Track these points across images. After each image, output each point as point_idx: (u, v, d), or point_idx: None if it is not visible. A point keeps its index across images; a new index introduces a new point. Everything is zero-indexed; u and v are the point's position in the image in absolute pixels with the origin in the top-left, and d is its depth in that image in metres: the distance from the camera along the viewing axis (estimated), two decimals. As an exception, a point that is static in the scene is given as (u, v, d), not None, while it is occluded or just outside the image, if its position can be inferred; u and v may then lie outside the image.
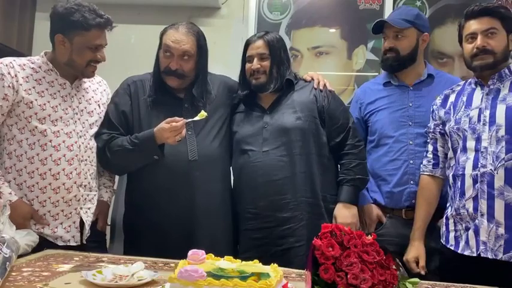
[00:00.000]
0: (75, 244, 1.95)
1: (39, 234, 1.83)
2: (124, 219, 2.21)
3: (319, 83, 2.20)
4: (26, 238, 1.69)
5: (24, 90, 1.87)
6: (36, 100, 1.89)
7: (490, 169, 1.81)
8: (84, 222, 1.98)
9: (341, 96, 2.38)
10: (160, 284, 1.39)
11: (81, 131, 1.99)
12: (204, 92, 2.13)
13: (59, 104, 1.95)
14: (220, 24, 3.47)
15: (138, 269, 1.47)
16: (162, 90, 2.12)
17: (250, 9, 3.42)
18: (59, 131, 1.92)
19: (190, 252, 1.31)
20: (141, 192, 2.11)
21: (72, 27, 1.89)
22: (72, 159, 1.93)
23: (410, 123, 2.19)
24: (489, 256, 1.79)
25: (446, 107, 2.01)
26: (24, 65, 1.92)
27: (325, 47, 3.38)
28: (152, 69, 2.15)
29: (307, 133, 2.09)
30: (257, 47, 2.13)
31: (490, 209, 1.80)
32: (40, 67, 1.95)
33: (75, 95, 2.01)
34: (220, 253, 1.40)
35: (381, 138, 2.23)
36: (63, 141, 1.92)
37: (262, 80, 2.12)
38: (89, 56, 1.94)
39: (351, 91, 3.26)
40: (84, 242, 2.00)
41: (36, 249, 1.74)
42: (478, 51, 1.88)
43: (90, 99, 2.07)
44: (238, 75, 2.23)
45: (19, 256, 1.58)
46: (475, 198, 1.83)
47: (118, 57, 2.96)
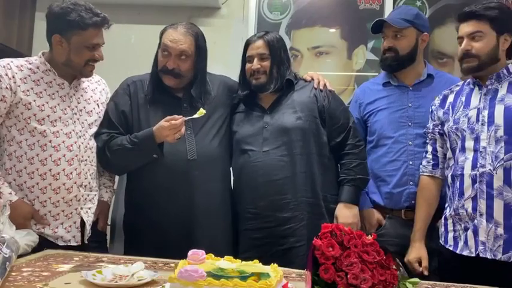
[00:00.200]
0: (76, 244, 1.95)
1: (39, 234, 1.83)
2: (124, 219, 2.22)
3: (319, 82, 2.20)
4: (26, 238, 1.69)
5: (22, 92, 1.87)
6: (34, 101, 1.89)
7: (489, 169, 1.81)
8: (85, 222, 1.99)
9: (341, 96, 2.37)
10: (160, 284, 1.39)
11: (80, 131, 1.98)
12: (202, 92, 2.13)
13: (58, 104, 1.94)
14: (220, 24, 3.47)
15: (138, 269, 1.47)
16: (160, 89, 2.12)
17: (250, 9, 3.42)
18: (58, 132, 1.92)
19: (190, 252, 1.31)
20: (140, 191, 2.11)
21: (69, 27, 1.88)
22: (72, 159, 1.93)
23: (410, 123, 2.19)
24: (488, 256, 1.79)
25: (445, 108, 2.01)
26: (22, 66, 1.91)
27: (325, 47, 3.38)
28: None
29: (307, 133, 2.09)
30: (257, 47, 2.13)
31: (489, 209, 1.80)
32: (38, 68, 1.95)
33: (74, 94, 2.01)
34: (220, 253, 1.40)
35: (380, 139, 2.23)
36: (63, 142, 1.92)
37: (263, 80, 2.12)
38: (87, 55, 1.93)
39: (351, 91, 3.26)
40: (86, 242, 2.00)
41: (36, 249, 1.74)
42: (463, 54, 1.90)
43: (89, 99, 2.07)
44: (238, 75, 2.23)
45: (19, 256, 1.58)
46: (474, 198, 1.83)
47: (118, 57, 2.98)
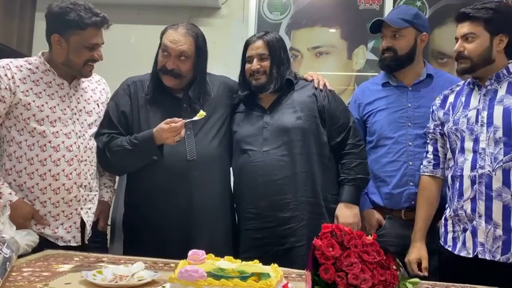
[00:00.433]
0: (76, 244, 1.95)
1: (39, 234, 1.83)
2: (123, 219, 2.22)
3: (319, 82, 2.20)
4: (26, 238, 1.69)
5: (22, 92, 1.87)
6: (34, 101, 1.88)
7: (488, 170, 1.81)
8: (85, 222, 1.98)
9: (341, 96, 2.37)
10: (161, 284, 1.39)
11: (80, 131, 1.98)
12: (202, 93, 2.13)
13: (57, 104, 1.94)
14: (220, 24, 3.47)
15: (138, 269, 1.47)
16: (160, 89, 2.12)
17: (250, 9, 3.42)
18: (57, 132, 1.91)
19: (191, 252, 1.31)
20: (140, 192, 2.11)
21: (68, 26, 1.88)
22: (72, 159, 1.93)
23: (410, 124, 2.19)
24: (487, 257, 1.79)
25: (445, 108, 2.01)
26: (21, 66, 1.91)
27: (325, 47, 3.39)
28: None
29: (307, 133, 2.09)
30: (257, 47, 2.13)
31: (488, 210, 1.80)
32: (37, 68, 1.94)
33: (74, 95, 2.00)
34: (220, 253, 1.40)
35: (380, 139, 2.22)
36: (63, 142, 1.92)
37: (262, 80, 2.12)
38: (86, 55, 1.93)
39: (351, 91, 3.26)
40: (86, 242, 2.00)
41: (36, 250, 1.74)
42: (456, 55, 1.92)
43: (88, 99, 2.06)
44: (238, 76, 2.23)
45: (19, 256, 1.58)
46: (473, 200, 1.83)
47: (118, 57, 2.98)
